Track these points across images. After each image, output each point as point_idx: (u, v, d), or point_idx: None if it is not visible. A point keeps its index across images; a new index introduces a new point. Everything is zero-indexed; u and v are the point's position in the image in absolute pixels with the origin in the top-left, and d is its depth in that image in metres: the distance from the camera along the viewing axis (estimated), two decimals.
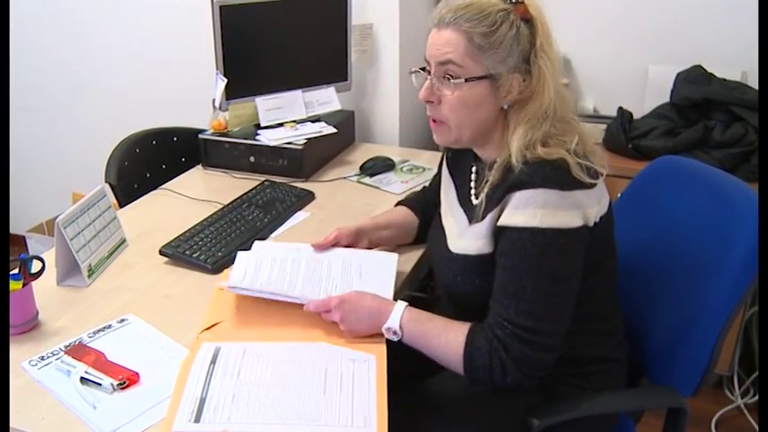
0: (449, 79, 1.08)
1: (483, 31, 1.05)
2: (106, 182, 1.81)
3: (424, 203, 1.48)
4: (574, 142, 1.06)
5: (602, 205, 1.09)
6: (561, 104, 1.09)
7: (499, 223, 1.06)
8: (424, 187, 1.53)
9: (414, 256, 1.47)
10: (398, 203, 1.53)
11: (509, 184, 1.05)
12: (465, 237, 1.16)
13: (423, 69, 1.14)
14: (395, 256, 1.38)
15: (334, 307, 1.14)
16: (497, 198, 1.07)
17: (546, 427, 1.09)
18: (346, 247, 1.39)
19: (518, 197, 1.03)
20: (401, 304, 1.14)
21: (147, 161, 1.99)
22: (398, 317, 1.12)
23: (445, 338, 1.09)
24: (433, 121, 1.15)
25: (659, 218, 1.34)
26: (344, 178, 1.91)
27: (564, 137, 1.07)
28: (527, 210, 1.02)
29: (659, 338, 1.26)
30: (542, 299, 1.03)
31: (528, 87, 1.07)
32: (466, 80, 1.07)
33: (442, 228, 1.26)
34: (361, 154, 2.06)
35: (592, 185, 1.05)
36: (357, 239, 1.40)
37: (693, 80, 2.07)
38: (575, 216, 1.03)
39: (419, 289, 1.93)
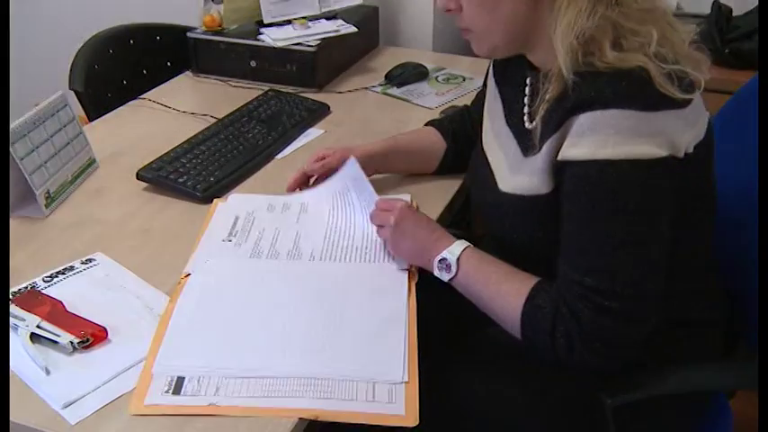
0: None
1: None
2: (71, 89, 1.71)
3: (461, 126, 1.40)
4: (654, 41, 0.93)
5: (699, 130, 0.97)
6: None
7: (560, 157, 0.96)
8: (466, 106, 1.44)
9: (451, 186, 1.38)
10: (427, 123, 1.45)
11: (571, 104, 0.94)
12: (518, 172, 1.07)
13: None
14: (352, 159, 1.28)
15: (396, 212, 1.12)
16: (557, 122, 0.97)
17: (620, 404, 0.98)
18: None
19: (583, 120, 0.93)
20: (463, 241, 1.09)
21: (123, 65, 1.91)
22: (459, 250, 1.06)
23: (506, 287, 1.01)
24: (464, 30, 1.09)
25: None
26: (366, 89, 1.83)
27: (639, 31, 0.94)
28: (595, 136, 0.92)
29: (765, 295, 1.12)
30: (620, 252, 0.92)
31: None
32: None
33: (486, 158, 1.17)
34: (387, 60, 1.96)
35: (685, 103, 0.92)
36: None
37: None
38: (659, 144, 0.91)
39: (452, 224, 1.79)
